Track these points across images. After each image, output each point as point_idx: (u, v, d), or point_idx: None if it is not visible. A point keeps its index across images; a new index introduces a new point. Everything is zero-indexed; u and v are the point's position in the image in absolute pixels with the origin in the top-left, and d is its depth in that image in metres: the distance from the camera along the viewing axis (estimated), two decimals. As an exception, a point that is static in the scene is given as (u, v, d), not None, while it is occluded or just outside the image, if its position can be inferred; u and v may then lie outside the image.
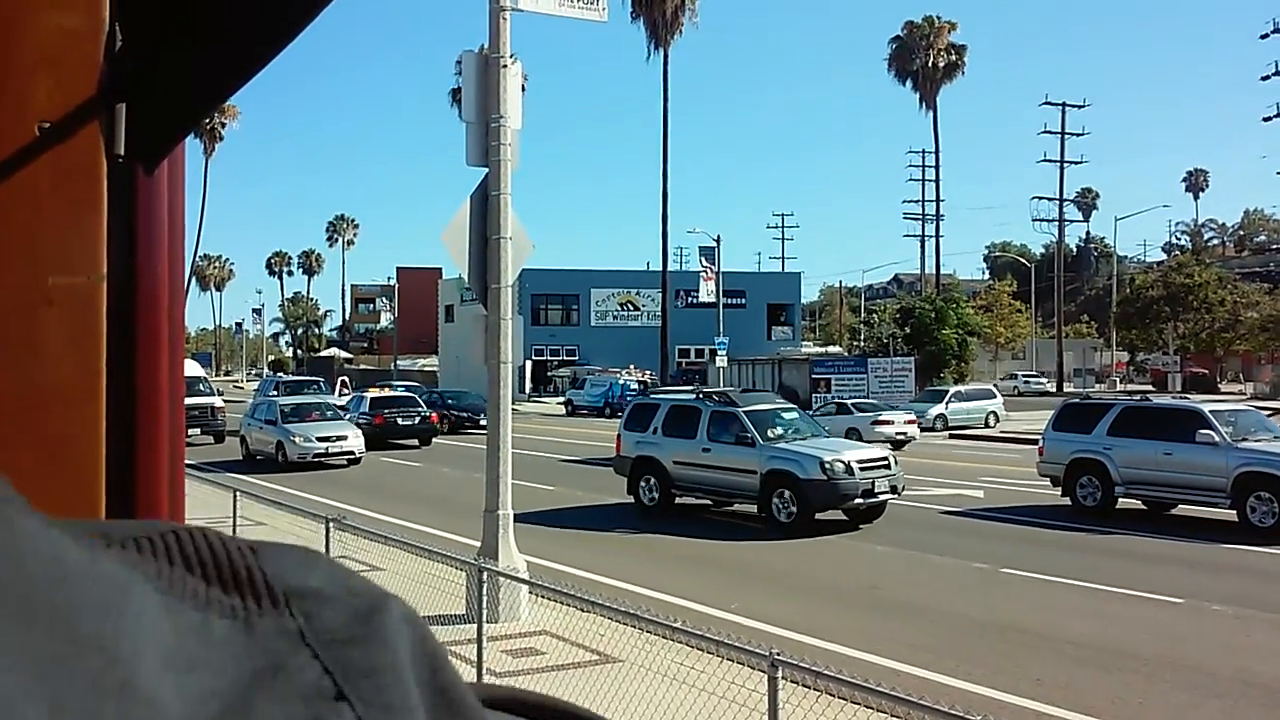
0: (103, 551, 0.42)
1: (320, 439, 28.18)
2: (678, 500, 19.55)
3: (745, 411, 18.92)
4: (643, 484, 19.86)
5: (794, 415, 20.07)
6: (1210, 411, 18.50)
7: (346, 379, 60.62)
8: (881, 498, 17.89)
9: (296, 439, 28.07)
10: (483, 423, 36.28)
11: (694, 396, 20.58)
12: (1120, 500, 19.07)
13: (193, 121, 1.14)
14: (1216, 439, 17.59)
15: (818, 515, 17.57)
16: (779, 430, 18.89)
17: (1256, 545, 15.98)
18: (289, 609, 0.43)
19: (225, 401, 38.03)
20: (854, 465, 17.59)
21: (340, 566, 0.47)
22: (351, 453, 28.46)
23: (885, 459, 18.52)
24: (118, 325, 1.01)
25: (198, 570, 0.43)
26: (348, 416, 38.45)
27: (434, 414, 36.86)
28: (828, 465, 17.33)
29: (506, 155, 11.52)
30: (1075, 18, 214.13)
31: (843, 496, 17.47)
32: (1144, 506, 19.18)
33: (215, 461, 28.05)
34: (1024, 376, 71.81)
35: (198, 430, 34.97)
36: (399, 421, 35.37)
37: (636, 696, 8.00)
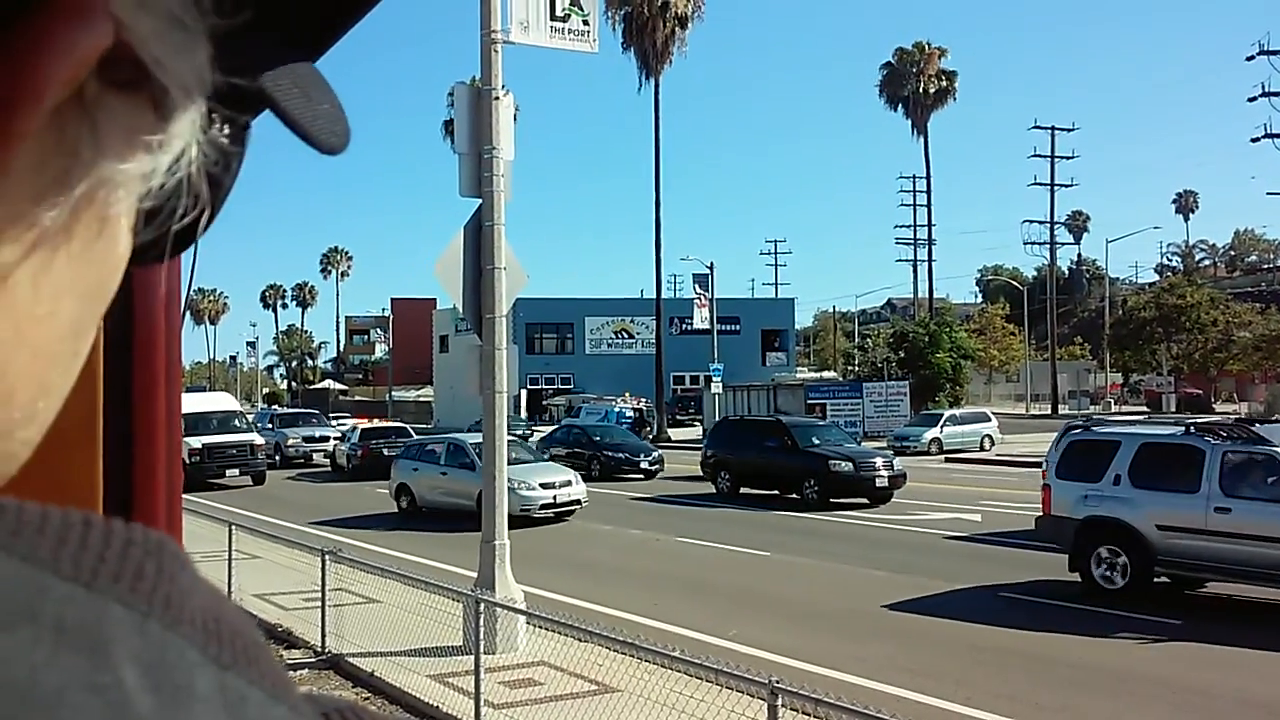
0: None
1: (544, 485, 22.35)
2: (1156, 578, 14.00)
3: None
4: (1098, 557, 14.26)
5: None
6: None
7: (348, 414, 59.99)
8: None
9: (518, 488, 21.50)
10: (644, 466, 32.38)
11: (1183, 430, 14.47)
12: None
13: None
14: None
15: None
16: None
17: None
18: None
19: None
20: None
21: None
22: (579, 501, 22.67)
23: None
24: (115, 364, 1.01)
25: None
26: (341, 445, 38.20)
27: None
28: None
29: (500, 186, 11.56)
30: (1063, 41, 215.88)
31: None
32: None
33: (360, 516, 23.94)
34: None
35: (236, 470, 31.80)
36: (385, 452, 35.10)
37: (636, 726, 7.95)
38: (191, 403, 33.85)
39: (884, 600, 14.32)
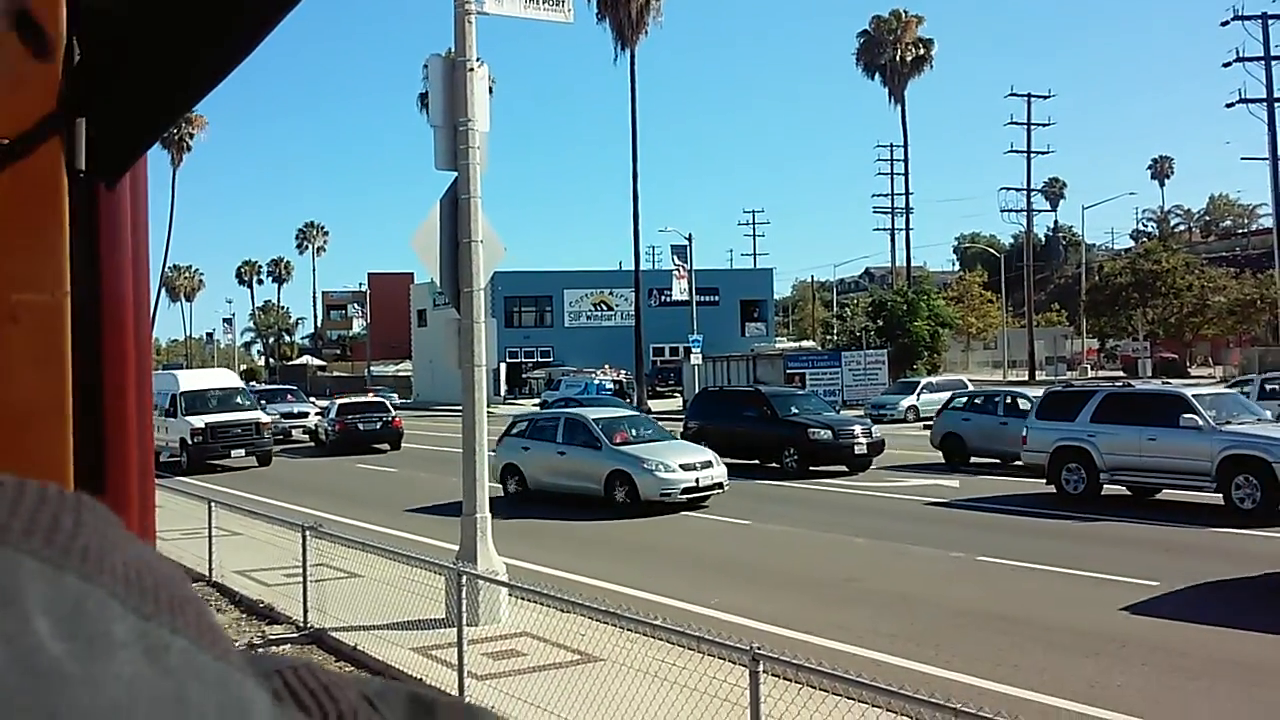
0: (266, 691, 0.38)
1: (684, 466, 19.77)
2: None
3: None
4: None
5: None
6: (1193, 395, 18.46)
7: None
8: None
9: (656, 469, 19.51)
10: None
11: None
12: (1106, 487, 19.10)
13: (153, 135, 1.13)
14: (1200, 423, 17.56)
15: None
16: None
17: (1240, 528, 16.05)
18: None
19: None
20: None
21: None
22: (721, 484, 20.16)
23: None
24: (83, 342, 1.00)
25: (317, 714, 0.40)
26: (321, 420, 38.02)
27: (397, 419, 36.36)
28: None
29: (475, 158, 11.49)
30: (1040, 8, 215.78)
31: None
32: (1129, 492, 19.23)
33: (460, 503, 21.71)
34: None
35: (241, 451, 30.07)
36: (360, 427, 35.00)
37: (619, 695, 8.00)
38: (192, 380, 32.54)
39: (861, 567, 14.43)
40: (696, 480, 19.61)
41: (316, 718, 0.39)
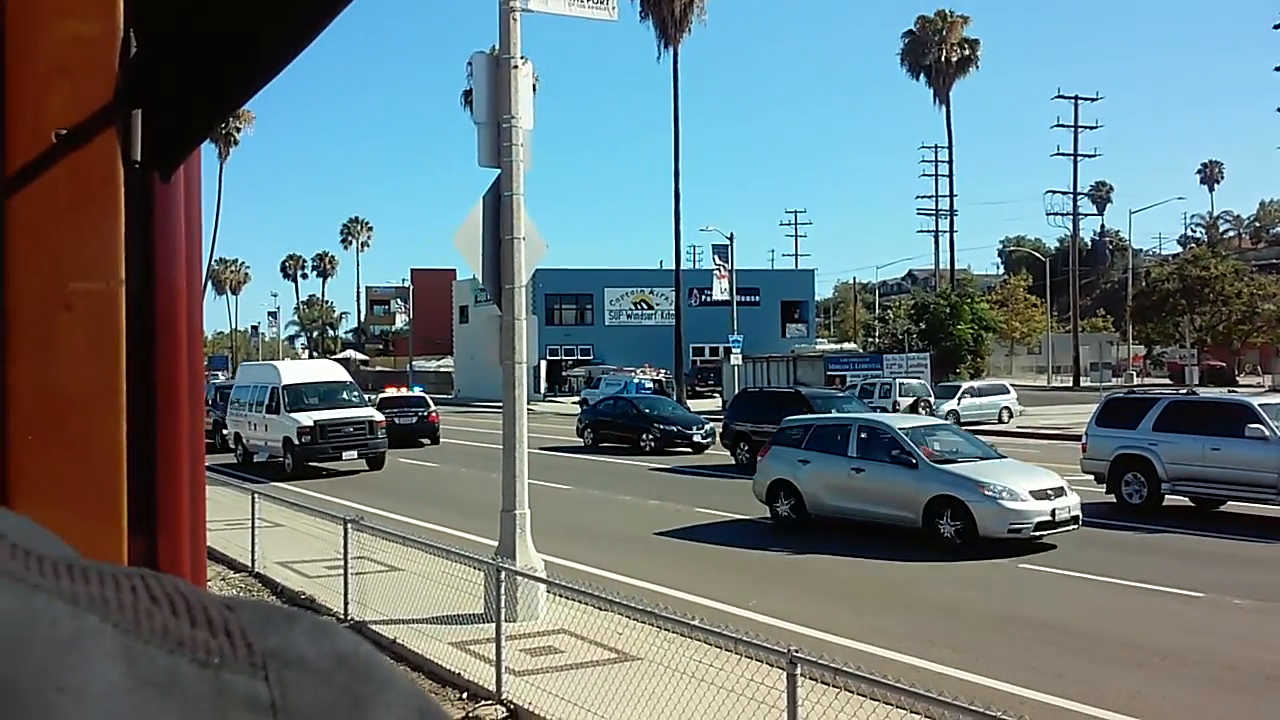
0: (53, 584, 0.37)
1: (1035, 494, 15.33)
2: None
3: None
4: None
5: None
6: (1260, 405, 17.89)
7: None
8: None
9: (1001, 496, 15.12)
10: (696, 439, 30.80)
11: None
12: (1167, 497, 18.50)
13: (208, 127, 1.14)
14: (1266, 433, 17.06)
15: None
16: None
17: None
18: (265, 672, 0.37)
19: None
20: None
21: (331, 630, 0.41)
22: (1077, 518, 15.65)
23: None
24: (137, 330, 1.01)
25: (166, 606, 0.39)
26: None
27: (433, 413, 36.38)
28: None
29: (519, 156, 11.52)
30: (1088, 10, 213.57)
31: None
32: (1192, 504, 18.66)
33: (717, 525, 17.95)
34: None
35: (354, 452, 26.73)
36: (396, 421, 35.15)
37: (656, 694, 8.00)
38: (296, 372, 30.18)
39: (910, 573, 14.32)
40: (1052, 512, 15.22)
41: (165, 608, 0.39)
